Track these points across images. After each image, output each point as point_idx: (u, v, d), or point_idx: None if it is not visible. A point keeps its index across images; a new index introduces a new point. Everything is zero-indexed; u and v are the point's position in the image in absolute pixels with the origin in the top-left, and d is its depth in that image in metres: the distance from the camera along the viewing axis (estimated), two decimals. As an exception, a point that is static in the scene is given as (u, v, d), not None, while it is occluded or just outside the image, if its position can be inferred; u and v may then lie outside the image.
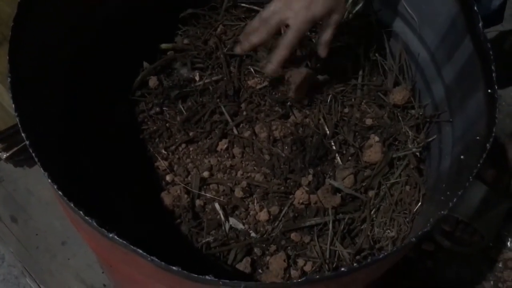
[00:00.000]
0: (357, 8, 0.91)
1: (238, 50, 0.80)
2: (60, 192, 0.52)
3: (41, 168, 0.54)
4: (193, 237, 0.74)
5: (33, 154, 0.54)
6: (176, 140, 0.83)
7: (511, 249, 1.20)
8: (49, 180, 0.53)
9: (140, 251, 0.50)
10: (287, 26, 0.75)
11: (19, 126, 0.56)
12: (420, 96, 0.87)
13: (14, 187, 1.02)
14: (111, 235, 0.51)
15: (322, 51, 0.80)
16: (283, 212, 0.77)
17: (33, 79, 0.68)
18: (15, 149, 1.00)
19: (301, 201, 0.77)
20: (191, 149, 0.83)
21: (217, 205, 0.76)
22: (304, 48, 0.89)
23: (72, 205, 0.52)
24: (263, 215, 0.76)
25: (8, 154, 0.99)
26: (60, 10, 0.75)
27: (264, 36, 0.76)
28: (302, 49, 0.89)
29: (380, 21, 0.91)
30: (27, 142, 0.55)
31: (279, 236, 0.76)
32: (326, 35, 0.78)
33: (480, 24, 0.69)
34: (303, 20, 0.73)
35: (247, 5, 0.96)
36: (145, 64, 0.88)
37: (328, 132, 0.84)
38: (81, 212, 0.52)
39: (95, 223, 0.51)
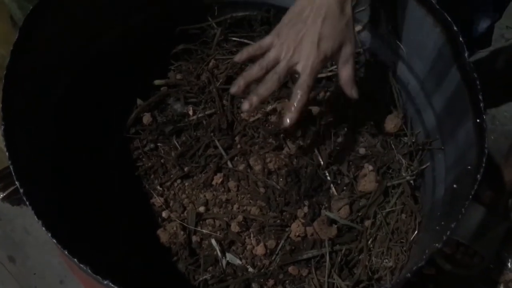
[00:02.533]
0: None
1: (246, 107, 0.67)
2: (54, 240, 0.52)
3: (35, 216, 0.54)
4: (190, 274, 0.74)
5: (27, 202, 0.55)
6: (171, 175, 0.84)
7: (511, 270, 1.20)
8: (44, 228, 0.54)
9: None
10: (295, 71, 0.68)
11: (11, 168, 0.56)
12: (411, 124, 0.88)
13: (11, 227, 1.02)
14: (105, 282, 0.51)
15: (351, 91, 0.71)
16: (280, 245, 0.77)
17: (25, 117, 0.69)
18: (12, 188, 1.00)
19: (297, 233, 0.77)
20: (186, 184, 0.84)
21: (213, 241, 0.77)
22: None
23: (66, 252, 0.52)
24: (260, 249, 0.76)
25: (5, 194, 1.00)
26: (55, 46, 0.77)
27: (275, 88, 0.67)
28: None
29: (369, 51, 0.93)
30: (21, 190, 0.55)
31: (277, 270, 0.76)
32: (346, 71, 0.70)
33: (466, 54, 0.71)
34: (316, 61, 0.67)
35: (238, 39, 0.97)
36: (139, 101, 0.89)
37: (322, 162, 0.84)
38: (75, 260, 0.52)
39: (89, 271, 0.51)
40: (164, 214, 0.80)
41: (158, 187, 0.83)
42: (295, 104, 0.67)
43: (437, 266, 1.16)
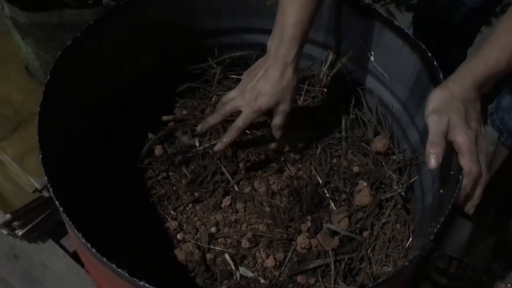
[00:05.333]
0: (334, 71, 1.03)
1: (198, 128, 0.93)
2: (93, 249, 0.59)
3: (75, 230, 0.61)
4: (207, 287, 0.80)
5: (70, 222, 0.61)
6: (183, 201, 0.91)
7: (502, 281, 1.27)
8: (83, 240, 0.60)
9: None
10: (239, 112, 0.86)
11: (53, 196, 0.63)
12: (398, 142, 0.97)
13: (30, 263, 1.07)
14: (142, 283, 0.57)
15: (275, 133, 0.89)
16: (288, 257, 0.84)
17: (54, 156, 0.76)
18: (30, 225, 1.05)
19: (303, 245, 0.84)
20: (197, 208, 0.91)
21: (227, 256, 0.83)
22: None
23: (105, 260, 0.59)
24: (270, 262, 0.83)
25: (24, 231, 1.05)
26: (75, 93, 0.86)
27: (219, 118, 0.89)
28: None
29: (355, 79, 1.03)
30: (64, 214, 0.62)
31: (286, 280, 0.82)
32: (276, 120, 0.87)
33: (441, 75, 0.81)
34: (251, 111, 0.84)
35: (236, 76, 1.07)
36: (150, 135, 0.97)
37: (320, 181, 0.93)
38: (113, 265, 0.58)
39: (127, 274, 0.58)
40: (179, 236, 0.87)
41: (172, 212, 0.90)
42: (224, 139, 0.88)
43: (433, 281, 1.22)
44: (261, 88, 0.83)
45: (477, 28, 1.23)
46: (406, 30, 0.87)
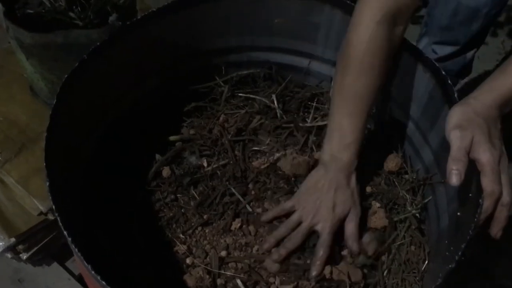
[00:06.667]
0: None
1: (275, 257, 0.82)
2: (103, 281, 0.57)
3: (84, 262, 0.59)
4: (219, 315, 0.78)
5: (76, 249, 0.59)
6: (192, 224, 0.89)
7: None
8: (92, 272, 0.58)
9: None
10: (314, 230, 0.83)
11: (59, 220, 0.61)
12: (411, 161, 0.95)
13: (35, 286, 1.05)
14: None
15: (353, 245, 0.83)
16: (309, 285, 0.81)
17: (61, 180, 0.75)
18: (35, 248, 1.04)
19: (323, 274, 0.82)
20: (207, 231, 0.89)
21: (239, 282, 0.81)
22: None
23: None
24: (284, 289, 0.80)
25: (28, 254, 1.03)
26: (83, 114, 0.84)
27: (299, 243, 0.83)
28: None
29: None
30: (70, 239, 0.60)
31: (301, 308, 0.80)
32: (350, 229, 0.83)
33: (456, 95, 0.79)
34: (333, 223, 0.82)
35: (244, 95, 1.06)
36: (157, 156, 0.95)
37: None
38: (124, 298, 0.56)
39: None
40: (188, 260, 0.84)
41: (181, 235, 0.87)
42: (318, 261, 0.81)
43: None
44: (334, 199, 0.82)
45: (487, 31, 1.41)
46: (417, 46, 0.86)
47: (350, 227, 0.83)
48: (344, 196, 0.83)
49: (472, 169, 0.70)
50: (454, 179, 0.67)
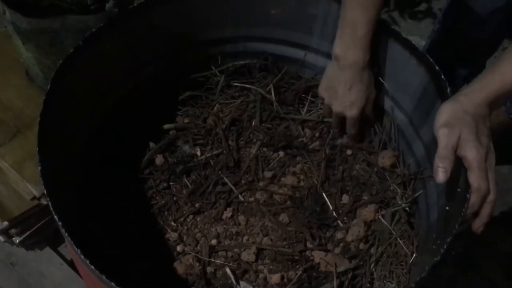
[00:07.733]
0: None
1: (353, 131, 0.96)
2: (96, 271, 0.57)
3: (74, 246, 0.59)
4: (207, 302, 0.79)
5: (66, 234, 0.60)
6: (184, 212, 0.89)
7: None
8: (82, 256, 0.59)
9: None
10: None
11: (51, 207, 0.62)
12: (403, 155, 0.96)
13: (28, 271, 1.06)
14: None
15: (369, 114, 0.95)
16: (297, 275, 0.81)
17: (54, 166, 0.75)
18: (28, 233, 1.04)
19: (311, 263, 0.83)
20: (198, 219, 0.89)
21: (228, 270, 0.82)
22: None
23: (104, 277, 0.57)
24: (274, 279, 0.81)
25: (21, 238, 1.04)
26: (76, 103, 0.84)
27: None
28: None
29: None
30: (62, 228, 0.61)
31: (289, 296, 0.81)
32: (367, 110, 0.93)
33: (449, 90, 0.79)
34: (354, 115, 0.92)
35: (239, 84, 1.06)
36: (151, 144, 0.96)
37: (323, 192, 0.91)
38: (112, 283, 0.57)
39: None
40: (178, 248, 0.85)
41: (172, 223, 0.88)
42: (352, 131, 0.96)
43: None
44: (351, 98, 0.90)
45: (498, 43, 1.32)
46: (412, 42, 0.86)
47: (367, 109, 0.93)
48: (360, 92, 0.89)
49: (461, 165, 0.71)
50: (440, 176, 0.68)
